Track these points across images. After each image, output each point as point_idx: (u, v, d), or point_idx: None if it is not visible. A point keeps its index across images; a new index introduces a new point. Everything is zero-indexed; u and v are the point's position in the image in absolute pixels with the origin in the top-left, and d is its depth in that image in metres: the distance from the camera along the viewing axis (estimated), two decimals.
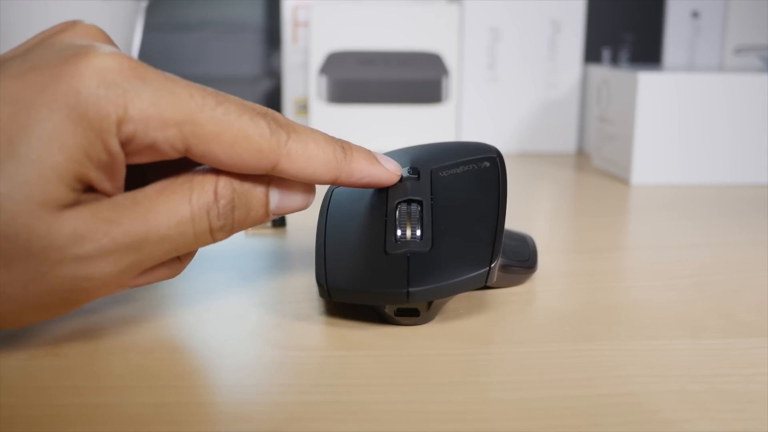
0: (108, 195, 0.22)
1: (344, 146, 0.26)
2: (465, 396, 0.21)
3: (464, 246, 0.26)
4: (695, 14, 0.66)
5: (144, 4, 0.53)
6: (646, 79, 0.50)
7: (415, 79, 0.63)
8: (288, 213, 0.26)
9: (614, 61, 0.68)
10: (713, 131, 0.51)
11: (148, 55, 0.77)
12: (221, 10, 0.77)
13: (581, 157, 0.63)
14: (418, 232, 0.26)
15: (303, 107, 0.68)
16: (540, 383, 0.22)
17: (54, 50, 0.22)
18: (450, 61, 0.63)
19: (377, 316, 0.26)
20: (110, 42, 0.24)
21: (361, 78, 0.62)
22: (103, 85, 0.21)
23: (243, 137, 0.23)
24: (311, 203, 0.26)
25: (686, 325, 0.26)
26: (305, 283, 0.30)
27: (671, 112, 0.50)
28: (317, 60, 0.62)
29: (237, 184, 0.24)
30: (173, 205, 0.23)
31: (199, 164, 0.25)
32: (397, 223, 0.27)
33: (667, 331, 0.26)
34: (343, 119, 0.63)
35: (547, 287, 0.30)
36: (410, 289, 0.25)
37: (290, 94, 0.68)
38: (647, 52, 0.68)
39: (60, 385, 0.21)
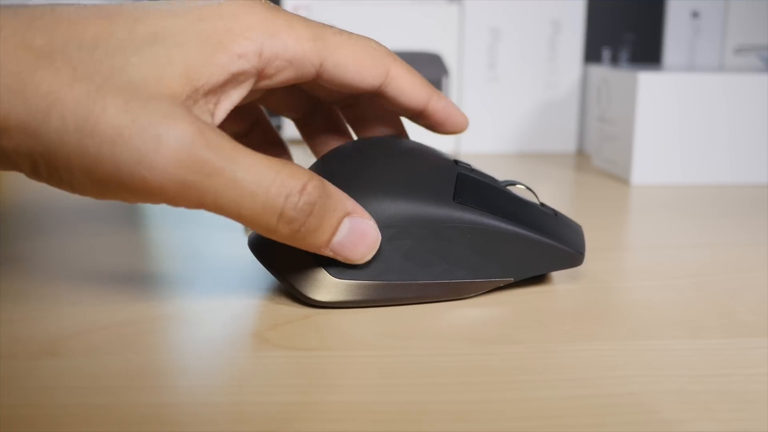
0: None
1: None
2: (465, 396, 0.21)
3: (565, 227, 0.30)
4: (695, 14, 0.66)
5: None
6: (646, 79, 0.50)
7: None
8: (340, 256, 0.26)
9: (614, 61, 0.68)
10: (713, 131, 0.51)
11: None
12: None
13: (581, 157, 0.63)
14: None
15: None
16: (540, 383, 0.22)
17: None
18: (450, 61, 0.63)
19: None
20: None
21: None
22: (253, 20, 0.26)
23: (362, 46, 0.28)
24: (365, 260, 0.26)
25: (686, 325, 0.26)
26: None
27: (671, 112, 0.50)
28: None
29: (325, 194, 0.25)
30: (261, 167, 0.23)
31: None
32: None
33: (667, 331, 0.26)
34: None
35: (548, 287, 0.30)
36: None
37: None
38: (647, 52, 0.68)
39: (60, 385, 0.21)
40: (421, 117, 0.31)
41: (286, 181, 0.24)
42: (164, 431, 0.19)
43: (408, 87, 0.29)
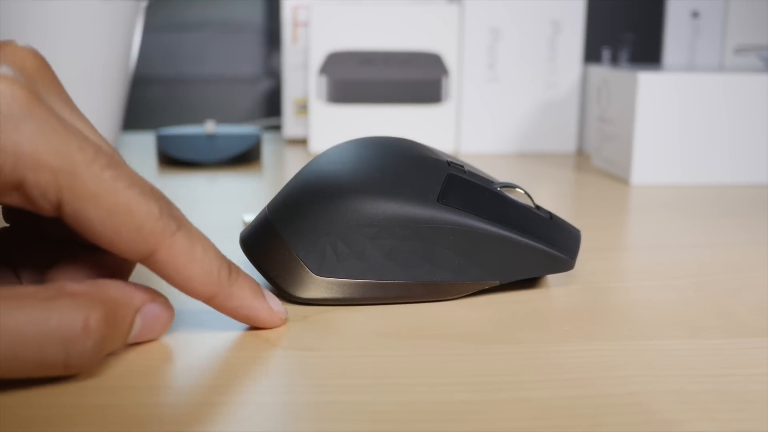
0: None
1: (232, 267, 0.23)
2: (465, 396, 0.21)
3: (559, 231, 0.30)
4: (695, 14, 0.66)
5: (144, 4, 0.53)
6: (646, 79, 0.50)
7: (415, 79, 0.63)
8: (136, 342, 0.23)
9: (614, 61, 0.68)
10: (713, 131, 0.51)
11: (148, 55, 0.77)
12: (221, 10, 0.77)
13: (581, 157, 0.63)
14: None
15: (303, 107, 0.68)
16: (540, 383, 0.22)
17: None
18: (450, 61, 0.63)
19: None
20: (42, 67, 0.22)
21: (361, 78, 0.62)
22: None
23: (126, 209, 0.21)
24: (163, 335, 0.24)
25: (686, 325, 0.26)
26: None
27: (671, 112, 0.50)
28: (317, 60, 0.62)
29: (110, 314, 0.21)
30: (23, 317, 0.19)
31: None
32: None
33: (667, 331, 0.26)
34: (343, 119, 0.63)
35: (547, 287, 0.30)
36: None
37: (290, 94, 0.68)
38: (647, 52, 0.68)
39: (60, 385, 0.21)
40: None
41: (60, 327, 0.20)
42: (164, 431, 0.19)
43: (183, 276, 0.22)
